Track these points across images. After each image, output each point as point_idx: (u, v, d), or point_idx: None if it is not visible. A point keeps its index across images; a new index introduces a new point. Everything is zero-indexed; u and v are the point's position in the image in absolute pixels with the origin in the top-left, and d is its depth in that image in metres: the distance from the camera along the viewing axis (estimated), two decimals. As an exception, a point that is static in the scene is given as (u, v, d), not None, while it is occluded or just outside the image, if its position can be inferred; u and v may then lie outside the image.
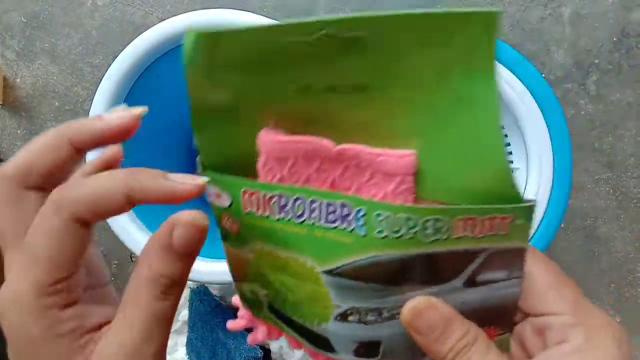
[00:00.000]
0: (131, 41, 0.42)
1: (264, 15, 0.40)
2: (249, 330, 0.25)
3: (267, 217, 0.20)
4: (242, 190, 0.20)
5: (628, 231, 0.57)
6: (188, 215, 0.20)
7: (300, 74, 0.17)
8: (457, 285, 0.20)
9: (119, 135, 0.21)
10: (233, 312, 0.53)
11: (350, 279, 0.19)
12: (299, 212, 0.19)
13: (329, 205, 0.18)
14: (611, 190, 0.58)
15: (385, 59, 0.16)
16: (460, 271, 0.19)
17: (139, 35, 0.42)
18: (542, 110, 0.37)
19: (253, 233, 0.21)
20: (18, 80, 0.71)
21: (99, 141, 0.21)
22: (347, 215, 0.18)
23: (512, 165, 0.39)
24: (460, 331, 0.20)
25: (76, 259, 0.18)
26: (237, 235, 0.22)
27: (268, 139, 0.19)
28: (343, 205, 0.18)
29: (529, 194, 0.37)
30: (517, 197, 0.17)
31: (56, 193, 0.18)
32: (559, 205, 0.37)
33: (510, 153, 0.40)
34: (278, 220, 0.19)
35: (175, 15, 0.41)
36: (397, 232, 0.17)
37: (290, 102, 0.18)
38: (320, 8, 0.62)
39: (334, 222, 0.18)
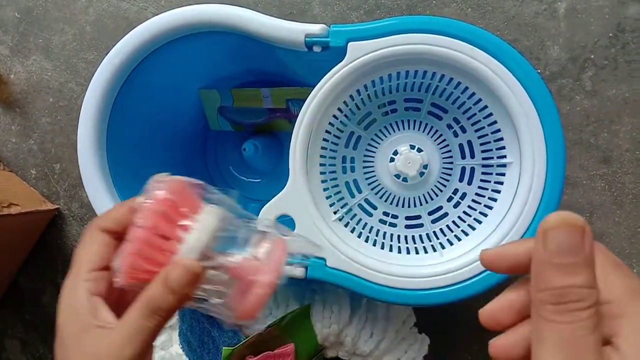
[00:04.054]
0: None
1: (259, 11, 0.40)
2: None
3: None
4: None
5: (624, 227, 0.57)
6: (186, 261, 0.25)
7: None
8: None
9: None
10: None
11: None
12: None
13: None
14: (607, 186, 0.57)
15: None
16: None
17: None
18: (535, 105, 0.36)
19: None
20: (12, 76, 0.70)
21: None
22: None
23: (506, 160, 0.39)
24: (589, 279, 0.18)
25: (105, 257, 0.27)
26: None
27: None
28: None
29: (522, 189, 0.37)
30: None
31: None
32: (553, 201, 0.36)
33: (503, 148, 0.40)
34: None
35: (170, 10, 0.41)
36: None
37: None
38: (316, 2, 0.62)
39: None
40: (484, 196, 0.42)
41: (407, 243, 0.44)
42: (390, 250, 0.43)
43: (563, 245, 0.18)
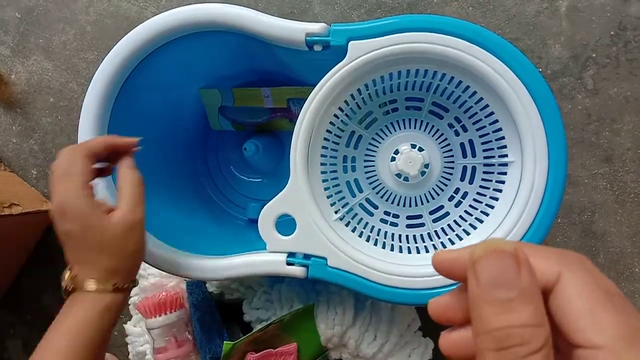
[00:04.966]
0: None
1: (260, 10, 0.40)
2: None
3: None
4: None
5: (625, 226, 0.57)
6: None
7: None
8: None
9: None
10: (218, 307, 0.53)
11: None
12: None
13: None
14: (608, 185, 0.57)
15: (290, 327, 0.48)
16: None
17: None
18: (536, 104, 0.36)
19: None
20: (13, 76, 0.70)
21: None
22: None
23: (507, 159, 0.39)
24: (532, 316, 0.15)
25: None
26: None
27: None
28: None
29: (523, 188, 0.37)
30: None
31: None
32: (554, 200, 0.36)
33: (505, 147, 0.39)
34: None
35: (170, 9, 0.41)
36: None
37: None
38: (316, 1, 0.62)
39: None
40: (485, 195, 0.42)
41: (408, 242, 0.44)
42: (392, 249, 0.43)
43: (495, 277, 0.15)
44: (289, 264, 0.39)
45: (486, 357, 0.15)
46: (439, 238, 0.43)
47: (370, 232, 0.44)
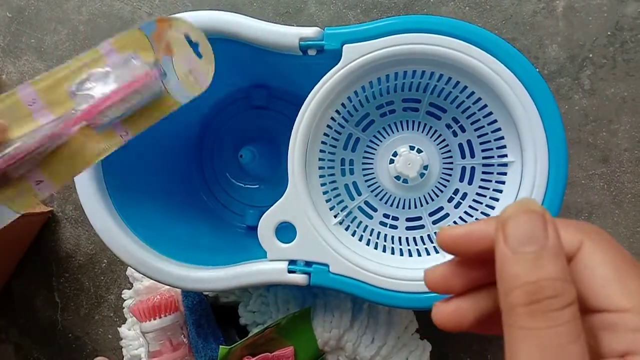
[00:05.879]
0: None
1: (255, 10, 0.39)
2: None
3: None
4: None
5: (622, 227, 0.57)
6: None
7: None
8: None
9: None
10: (213, 310, 0.53)
11: None
12: None
13: None
14: (605, 186, 0.57)
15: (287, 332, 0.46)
16: None
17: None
18: (535, 103, 0.36)
19: None
20: (4, 76, 0.69)
21: None
22: None
23: (507, 159, 0.39)
24: (561, 271, 0.15)
25: None
26: None
27: None
28: None
29: (524, 188, 0.37)
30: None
31: None
32: (555, 200, 0.36)
33: (504, 147, 0.39)
34: None
35: (164, 10, 0.40)
36: None
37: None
38: (312, 1, 0.61)
39: None
40: (485, 196, 0.42)
41: (408, 245, 0.43)
42: (392, 252, 0.42)
43: (524, 234, 0.16)
44: (290, 271, 0.39)
45: (518, 313, 0.15)
46: (438, 240, 0.43)
47: (370, 235, 0.44)
